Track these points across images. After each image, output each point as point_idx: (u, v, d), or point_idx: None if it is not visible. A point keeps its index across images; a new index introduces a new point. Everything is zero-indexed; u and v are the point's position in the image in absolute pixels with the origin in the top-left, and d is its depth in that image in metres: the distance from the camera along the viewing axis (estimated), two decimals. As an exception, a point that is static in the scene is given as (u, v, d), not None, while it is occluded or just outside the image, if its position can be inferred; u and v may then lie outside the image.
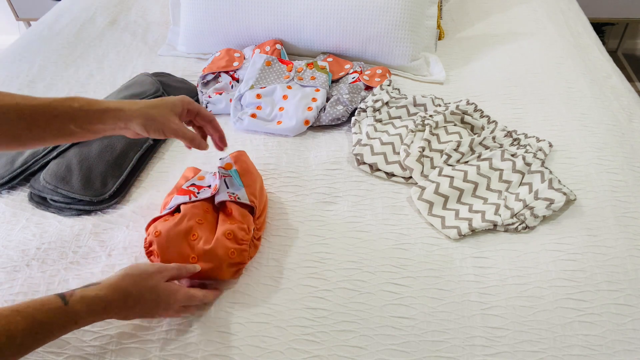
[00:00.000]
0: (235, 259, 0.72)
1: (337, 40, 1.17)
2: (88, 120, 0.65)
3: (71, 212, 0.85)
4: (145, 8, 1.46)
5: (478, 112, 1.00)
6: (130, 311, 0.64)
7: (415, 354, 0.67)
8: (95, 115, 0.66)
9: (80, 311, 0.58)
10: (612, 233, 0.80)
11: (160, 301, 0.65)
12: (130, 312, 0.64)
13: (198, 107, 0.75)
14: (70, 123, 0.65)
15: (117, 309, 0.62)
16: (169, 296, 0.66)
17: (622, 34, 2.30)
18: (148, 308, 0.65)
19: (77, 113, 0.65)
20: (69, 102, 0.65)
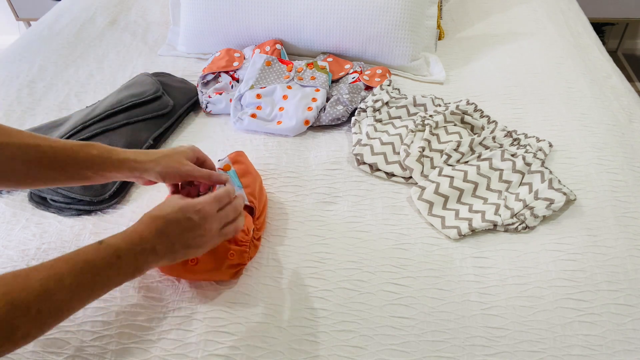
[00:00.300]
0: (234, 260, 0.72)
1: (337, 40, 1.17)
2: (104, 167, 0.68)
3: (71, 212, 0.85)
4: (145, 8, 1.46)
5: (478, 112, 1.01)
6: (167, 236, 0.61)
7: (415, 354, 0.67)
8: (113, 164, 0.68)
9: (117, 244, 0.58)
10: (612, 233, 0.80)
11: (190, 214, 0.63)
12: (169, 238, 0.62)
13: (205, 156, 0.78)
14: (87, 169, 0.67)
15: (151, 235, 0.60)
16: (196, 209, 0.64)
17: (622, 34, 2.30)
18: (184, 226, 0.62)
19: (95, 160, 0.67)
20: (88, 148, 0.68)
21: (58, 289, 0.52)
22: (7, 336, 0.48)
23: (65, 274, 0.53)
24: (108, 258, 0.57)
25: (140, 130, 0.96)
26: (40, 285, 0.51)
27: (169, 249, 0.62)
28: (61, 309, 0.53)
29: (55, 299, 0.51)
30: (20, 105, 1.11)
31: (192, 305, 0.72)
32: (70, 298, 0.53)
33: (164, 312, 0.71)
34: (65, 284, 0.53)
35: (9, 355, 0.67)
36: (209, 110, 1.07)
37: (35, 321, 0.50)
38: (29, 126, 1.04)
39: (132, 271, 0.60)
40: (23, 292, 0.49)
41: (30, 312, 0.49)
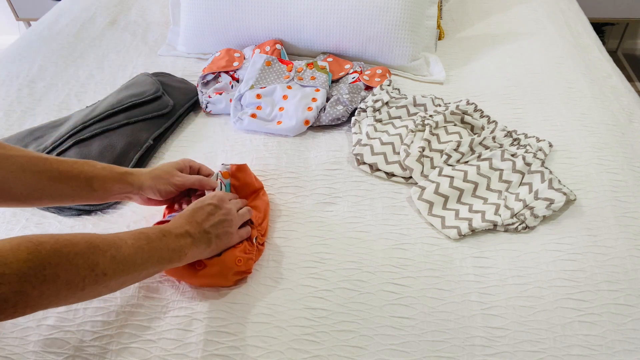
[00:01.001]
0: (241, 267, 0.72)
1: (337, 40, 1.17)
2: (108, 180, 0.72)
3: (71, 212, 0.85)
4: (145, 8, 1.46)
5: (478, 112, 1.00)
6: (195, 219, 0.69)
7: (415, 354, 0.67)
8: (115, 177, 0.73)
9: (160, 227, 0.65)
10: (612, 233, 0.80)
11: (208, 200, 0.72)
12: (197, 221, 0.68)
13: (199, 165, 0.84)
14: (93, 181, 0.71)
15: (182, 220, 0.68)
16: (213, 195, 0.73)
17: (622, 34, 2.30)
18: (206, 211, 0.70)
19: (100, 172, 0.72)
20: (91, 162, 0.73)
21: (123, 244, 0.59)
22: (91, 268, 0.55)
23: (126, 237, 0.61)
24: (157, 233, 0.64)
25: (140, 130, 0.96)
26: (109, 239, 0.59)
27: (200, 231, 0.68)
28: (128, 261, 0.59)
29: (122, 251, 0.58)
30: (20, 105, 1.11)
31: (192, 305, 0.72)
32: (133, 254, 0.60)
33: (164, 312, 0.71)
34: (128, 243, 0.60)
35: (8, 355, 0.67)
36: (209, 110, 1.07)
37: (111, 263, 0.57)
38: (28, 126, 1.04)
39: (178, 250, 0.65)
40: (98, 238, 0.57)
41: (105, 254, 0.56)
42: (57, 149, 0.91)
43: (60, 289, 0.52)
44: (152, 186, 0.75)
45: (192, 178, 0.79)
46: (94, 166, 0.72)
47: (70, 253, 0.53)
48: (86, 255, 0.54)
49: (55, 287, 0.52)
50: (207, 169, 0.84)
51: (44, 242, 0.52)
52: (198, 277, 0.72)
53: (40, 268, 0.50)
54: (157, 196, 0.76)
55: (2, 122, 1.07)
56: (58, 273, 0.51)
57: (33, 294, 0.50)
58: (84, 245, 0.55)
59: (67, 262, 0.52)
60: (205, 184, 0.79)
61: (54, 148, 0.91)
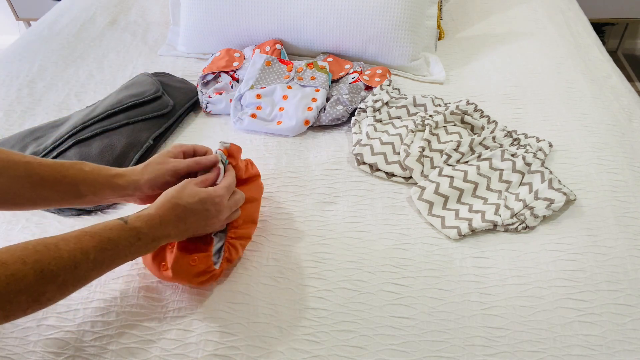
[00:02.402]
0: (200, 267, 0.69)
1: (337, 40, 1.17)
2: (97, 183, 0.68)
3: (71, 212, 0.85)
4: (145, 8, 1.46)
5: (478, 112, 1.01)
6: (184, 223, 0.65)
7: (415, 354, 0.67)
8: (105, 180, 0.69)
9: (140, 227, 0.61)
10: (612, 233, 0.80)
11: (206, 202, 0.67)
12: (186, 224, 0.66)
13: (191, 146, 0.77)
14: (80, 185, 0.67)
15: (170, 221, 0.64)
16: (211, 196, 0.68)
17: (622, 34, 2.30)
18: (201, 216, 0.67)
19: (87, 176, 0.67)
20: (79, 165, 0.68)
21: (83, 261, 0.56)
22: (36, 299, 0.52)
23: (91, 248, 0.56)
24: (130, 239, 0.60)
25: (141, 130, 0.96)
26: (69, 257, 0.54)
27: (182, 233, 0.67)
28: (82, 280, 0.57)
29: (79, 270, 0.55)
30: (20, 105, 1.11)
31: (192, 305, 0.72)
32: (91, 270, 0.57)
33: (164, 312, 0.71)
34: (90, 258, 0.56)
35: (8, 355, 0.67)
36: (209, 110, 1.07)
37: (60, 288, 0.54)
38: (28, 126, 1.04)
39: (146, 250, 0.63)
40: (53, 261, 0.53)
41: (57, 280, 0.53)
42: (57, 149, 0.91)
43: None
44: (149, 181, 0.71)
45: (187, 161, 0.74)
46: (82, 170, 0.67)
47: (12, 292, 0.50)
48: (32, 289, 0.51)
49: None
50: (201, 148, 0.78)
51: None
52: (164, 277, 0.71)
53: None
54: (156, 190, 0.71)
55: (2, 122, 1.07)
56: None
57: None
58: (32, 278, 0.51)
59: (5, 302, 0.49)
60: (204, 163, 0.74)
61: (54, 148, 0.91)
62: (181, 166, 0.73)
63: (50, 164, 0.66)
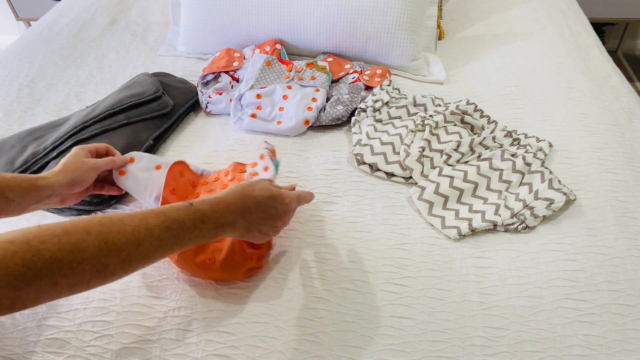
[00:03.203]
0: (253, 263, 0.73)
1: (337, 40, 1.17)
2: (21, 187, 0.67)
3: (71, 212, 0.85)
4: (145, 8, 1.46)
5: (478, 112, 1.01)
6: (250, 214, 0.65)
7: (415, 354, 0.67)
8: (28, 182, 0.68)
9: (205, 210, 0.61)
10: (612, 233, 0.80)
11: (276, 201, 0.67)
12: (251, 217, 0.65)
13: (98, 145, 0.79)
14: (6, 190, 0.66)
15: (237, 209, 0.64)
16: (282, 196, 0.68)
17: (622, 34, 2.30)
18: (268, 213, 0.67)
19: (10, 182, 0.66)
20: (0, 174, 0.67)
21: (147, 238, 0.55)
22: (99, 271, 0.51)
23: (156, 226, 0.56)
24: (195, 221, 0.60)
25: (141, 130, 0.96)
26: (133, 232, 0.54)
27: (246, 227, 0.66)
28: (145, 257, 0.56)
29: (142, 247, 0.55)
30: (20, 105, 1.11)
31: (192, 305, 0.72)
32: (155, 248, 0.56)
33: (164, 312, 0.71)
34: (154, 236, 0.56)
35: (8, 355, 0.67)
36: (209, 110, 1.07)
37: (124, 263, 0.53)
38: (28, 126, 1.04)
39: (211, 236, 0.62)
40: (117, 235, 0.53)
41: (120, 254, 0.53)
42: (57, 149, 0.91)
43: (60, 291, 0.50)
44: (71, 180, 0.71)
45: (105, 160, 0.76)
46: (4, 177, 0.67)
47: (74, 261, 0.49)
48: (95, 260, 0.51)
49: (54, 291, 0.49)
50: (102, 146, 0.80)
51: (44, 251, 0.48)
52: (208, 271, 0.72)
53: (35, 279, 0.47)
54: (81, 186, 0.73)
55: (2, 122, 1.07)
56: (57, 282, 0.49)
57: (29, 297, 0.48)
58: (95, 248, 0.51)
59: (69, 270, 0.49)
60: (120, 162, 0.77)
61: (54, 148, 0.91)
62: (101, 163, 0.75)
63: None
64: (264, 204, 0.67)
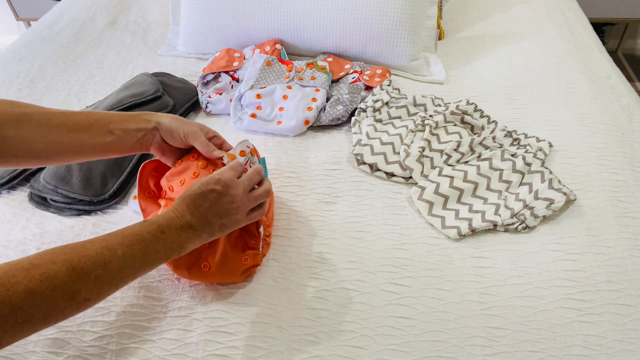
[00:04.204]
0: (249, 263, 0.72)
1: (337, 40, 1.17)
2: (124, 122, 0.71)
3: (71, 212, 0.85)
4: (145, 8, 1.46)
5: (478, 112, 1.01)
6: (198, 209, 0.65)
7: (415, 354, 0.67)
8: (131, 117, 0.73)
9: (159, 221, 0.62)
10: (612, 233, 0.80)
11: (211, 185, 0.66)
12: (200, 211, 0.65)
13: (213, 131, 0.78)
14: (110, 123, 0.70)
15: (184, 211, 0.64)
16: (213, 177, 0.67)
17: (622, 34, 2.30)
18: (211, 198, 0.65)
19: (115, 117, 0.72)
20: (105, 112, 0.73)
21: (112, 257, 0.56)
22: (71, 298, 0.52)
23: (117, 245, 0.57)
24: (153, 232, 0.61)
25: (140, 130, 0.96)
26: (97, 254, 0.55)
27: (203, 222, 0.65)
28: (115, 276, 0.57)
29: (110, 267, 0.56)
30: (20, 105, 1.11)
31: (192, 305, 0.72)
32: (123, 266, 0.57)
33: (164, 312, 0.71)
34: (119, 254, 0.57)
35: (9, 355, 0.67)
36: (209, 110, 1.07)
37: (94, 286, 0.54)
38: (29, 126, 1.04)
39: (177, 246, 0.63)
40: (82, 259, 0.54)
41: (89, 277, 0.54)
42: (57, 149, 0.91)
43: (36, 325, 0.50)
44: (167, 123, 0.73)
45: (202, 141, 0.74)
46: (110, 113, 0.72)
47: (46, 289, 0.50)
48: (66, 286, 0.52)
49: (31, 324, 0.50)
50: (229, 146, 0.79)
51: (16, 284, 0.49)
52: (204, 277, 0.72)
53: (11, 314, 0.48)
54: (168, 136, 0.74)
55: (2, 122, 1.07)
56: (32, 313, 0.49)
57: (5, 336, 0.48)
58: (64, 275, 0.52)
59: (42, 300, 0.50)
60: (209, 155, 0.74)
61: (54, 148, 0.91)
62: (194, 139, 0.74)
63: (79, 112, 0.70)
64: (200, 192, 0.66)
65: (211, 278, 0.72)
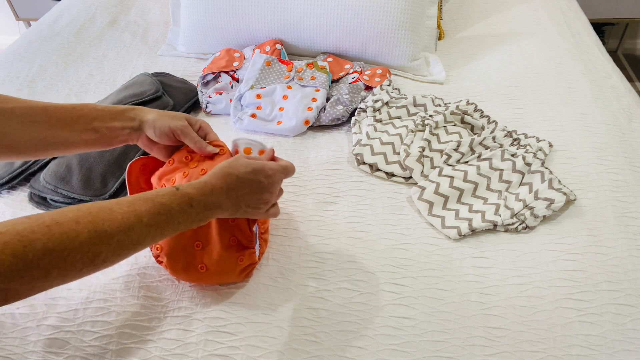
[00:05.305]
0: (245, 263, 0.72)
1: (337, 40, 1.17)
2: (109, 119, 0.70)
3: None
4: (145, 8, 1.46)
5: (478, 112, 1.01)
6: (236, 192, 0.64)
7: (415, 354, 0.67)
8: (117, 114, 0.70)
9: (192, 193, 0.61)
10: (612, 233, 0.80)
11: (260, 173, 0.66)
12: (237, 194, 0.64)
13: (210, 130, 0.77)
14: (94, 121, 0.69)
15: (222, 190, 0.63)
16: (264, 168, 0.67)
17: (622, 34, 2.30)
18: (253, 187, 0.66)
19: (100, 112, 0.69)
20: (91, 104, 0.70)
21: (137, 224, 0.55)
22: (91, 259, 0.52)
23: (144, 212, 0.56)
24: (182, 205, 0.60)
25: (140, 130, 0.96)
26: (122, 219, 0.54)
27: (234, 205, 0.65)
28: (136, 242, 0.56)
29: (133, 233, 0.55)
30: (20, 105, 1.11)
31: (192, 305, 0.72)
32: (145, 234, 0.56)
33: (164, 312, 0.71)
34: (143, 222, 0.56)
35: (8, 355, 0.67)
36: (209, 110, 1.07)
37: (115, 250, 0.54)
38: (29, 126, 1.04)
39: (199, 219, 0.62)
40: (107, 222, 0.53)
41: (111, 241, 0.53)
42: (57, 149, 0.91)
43: (53, 281, 0.50)
44: (152, 121, 0.71)
45: (193, 135, 0.73)
46: (94, 108, 0.70)
47: (65, 250, 0.49)
48: (87, 248, 0.51)
49: (47, 281, 0.49)
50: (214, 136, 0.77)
51: (35, 241, 0.48)
52: (202, 278, 0.72)
53: (26, 270, 0.47)
54: (153, 135, 0.72)
55: (2, 122, 1.07)
56: (50, 271, 0.49)
57: (22, 289, 0.48)
58: (86, 236, 0.51)
59: (60, 260, 0.49)
60: (202, 149, 0.73)
61: (54, 148, 0.91)
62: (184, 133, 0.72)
63: (64, 106, 0.68)
64: (247, 179, 0.66)
65: (208, 279, 0.72)
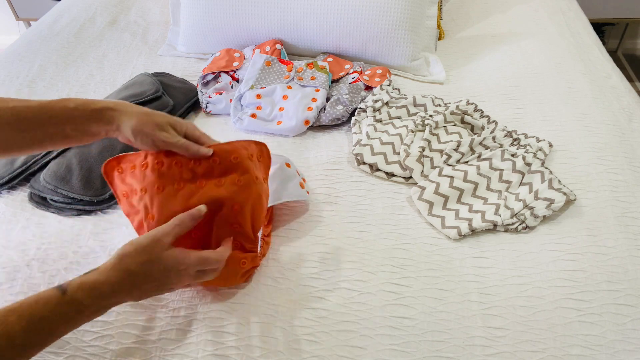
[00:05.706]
0: (247, 266, 0.71)
1: (337, 40, 1.17)
2: (82, 120, 0.64)
3: (71, 212, 0.85)
4: (145, 8, 1.46)
5: (478, 112, 1.01)
6: (140, 289, 0.59)
7: (415, 354, 0.67)
8: (91, 115, 0.64)
9: (82, 298, 0.54)
10: (612, 233, 0.80)
11: (170, 271, 0.59)
12: (141, 291, 0.59)
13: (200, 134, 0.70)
14: (66, 124, 0.63)
15: (125, 290, 0.57)
16: (178, 264, 0.60)
17: (622, 34, 2.30)
18: (159, 282, 0.60)
19: (73, 113, 0.64)
20: (64, 102, 0.64)
21: (8, 347, 0.49)
22: None
23: (18, 332, 0.50)
24: (69, 313, 0.54)
25: (140, 130, 0.96)
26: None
27: (137, 297, 0.61)
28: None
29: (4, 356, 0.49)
30: (20, 105, 1.11)
31: (192, 305, 0.72)
32: (22, 353, 0.51)
33: (164, 312, 0.71)
34: (17, 343, 0.50)
35: None
36: (209, 110, 1.07)
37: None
38: (29, 126, 1.04)
39: (88, 320, 0.57)
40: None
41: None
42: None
43: None
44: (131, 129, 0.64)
45: (180, 141, 0.66)
46: (66, 107, 0.63)
47: None
48: None
49: None
50: (207, 139, 0.71)
51: None
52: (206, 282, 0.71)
53: None
54: (133, 142, 0.66)
55: (2, 122, 1.07)
56: None
57: None
58: None
59: None
60: (194, 153, 0.67)
61: (54, 148, 0.91)
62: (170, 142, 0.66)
63: (34, 105, 0.63)
64: (153, 273, 0.59)
65: (210, 282, 0.71)
